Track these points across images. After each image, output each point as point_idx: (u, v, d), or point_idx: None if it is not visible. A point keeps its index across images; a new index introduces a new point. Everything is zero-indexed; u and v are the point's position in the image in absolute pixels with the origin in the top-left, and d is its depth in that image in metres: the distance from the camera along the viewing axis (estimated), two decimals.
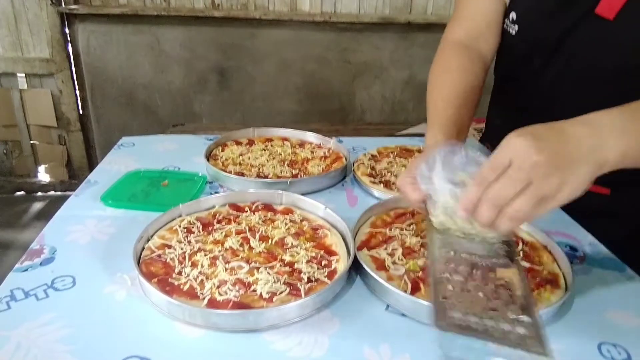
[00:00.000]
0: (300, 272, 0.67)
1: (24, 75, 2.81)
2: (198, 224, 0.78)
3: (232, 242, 0.74)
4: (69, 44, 2.76)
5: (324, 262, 0.70)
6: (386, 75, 2.93)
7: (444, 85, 0.88)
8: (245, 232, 0.76)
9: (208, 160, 1.04)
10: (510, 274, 0.58)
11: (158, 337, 0.58)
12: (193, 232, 0.76)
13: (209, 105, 2.93)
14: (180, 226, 0.77)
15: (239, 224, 0.79)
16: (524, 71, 0.93)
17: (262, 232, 0.77)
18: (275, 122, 1.62)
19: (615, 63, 0.78)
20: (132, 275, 0.67)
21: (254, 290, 0.63)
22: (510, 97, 1.01)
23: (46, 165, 3.04)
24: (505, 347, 0.50)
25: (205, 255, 0.70)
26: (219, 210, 0.83)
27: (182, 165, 1.06)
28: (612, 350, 0.59)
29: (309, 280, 0.66)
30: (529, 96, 0.94)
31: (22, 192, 3.07)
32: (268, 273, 0.66)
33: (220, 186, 0.98)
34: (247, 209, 0.84)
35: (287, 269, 0.68)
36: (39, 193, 3.06)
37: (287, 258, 0.71)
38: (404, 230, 0.79)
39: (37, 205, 2.95)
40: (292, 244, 0.74)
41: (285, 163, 1.06)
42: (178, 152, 1.14)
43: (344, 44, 2.83)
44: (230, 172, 0.98)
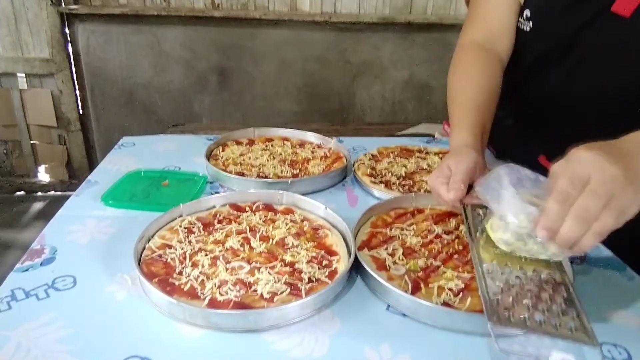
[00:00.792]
0: (300, 272, 0.67)
1: (24, 75, 2.81)
2: (199, 224, 0.78)
3: (233, 242, 0.74)
4: (69, 44, 2.76)
5: (324, 262, 0.70)
6: (386, 75, 2.93)
7: (467, 87, 0.89)
8: (246, 232, 0.77)
9: (208, 160, 1.04)
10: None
11: (158, 337, 0.58)
12: (194, 232, 0.76)
13: (209, 105, 2.94)
14: (180, 226, 0.77)
15: (239, 224, 0.79)
16: (538, 69, 0.92)
17: (262, 232, 0.77)
18: (276, 122, 1.62)
19: (631, 62, 0.77)
20: (132, 275, 0.67)
21: (255, 290, 0.63)
22: (523, 97, 1.00)
23: (46, 165, 3.04)
24: (558, 340, 0.54)
25: (205, 255, 0.70)
26: (219, 210, 0.83)
27: (182, 165, 1.06)
28: (613, 350, 0.59)
29: (310, 280, 0.66)
30: (542, 95, 0.93)
31: (22, 192, 3.07)
32: (269, 273, 0.66)
33: (220, 186, 0.98)
34: (247, 209, 0.84)
35: (287, 269, 0.68)
36: (39, 193, 3.06)
37: (288, 258, 0.71)
38: (405, 230, 0.79)
39: (37, 205, 2.95)
40: (292, 244, 0.74)
41: (286, 163, 1.06)
42: (178, 152, 1.14)
43: (344, 44, 2.83)
44: (230, 172, 0.98)
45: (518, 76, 0.97)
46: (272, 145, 1.15)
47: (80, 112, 2.92)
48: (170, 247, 0.72)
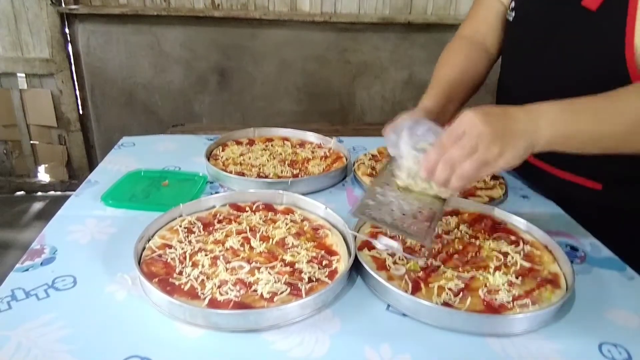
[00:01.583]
0: (301, 272, 0.67)
1: (24, 75, 2.81)
2: (199, 223, 0.78)
3: (233, 242, 0.74)
4: (69, 44, 2.76)
5: (324, 262, 0.70)
6: (386, 75, 2.93)
7: (447, 64, 1.01)
8: (246, 232, 0.76)
9: (208, 160, 1.04)
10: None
11: (158, 337, 0.58)
12: (194, 232, 0.76)
13: (209, 106, 2.93)
14: (180, 226, 0.77)
15: (239, 224, 0.79)
16: (521, 59, 0.97)
17: (262, 232, 0.77)
18: (276, 122, 1.62)
19: (598, 54, 0.80)
20: (132, 275, 0.67)
21: (255, 290, 0.63)
22: (511, 89, 1.02)
23: (46, 165, 3.04)
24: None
25: (206, 255, 0.70)
26: (219, 210, 0.83)
27: (182, 165, 1.06)
28: (613, 350, 0.59)
29: (310, 280, 0.66)
30: (525, 85, 0.96)
31: (22, 192, 3.07)
32: (269, 273, 0.66)
33: (220, 186, 0.98)
34: (247, 208, 0.84)
35: (287, 269, 0.68)
36: (39, 193, 3.06)
37: (288, 258, 0.71)
38: None
39: (37, 205, 2.95)
40: (292, 243, 0.74)
41: (286, 163, 1.06)
42: (178, 152, 1.14)
43: (344, 44, 2.83)
44: (230, 172, 0.98)
45: (508, 68, 1.03)
46: (272, 145, 1.15)
47: (80, 112, 2.92)
48: (170, 247, 0.72)
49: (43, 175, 3.07)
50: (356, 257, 0.69)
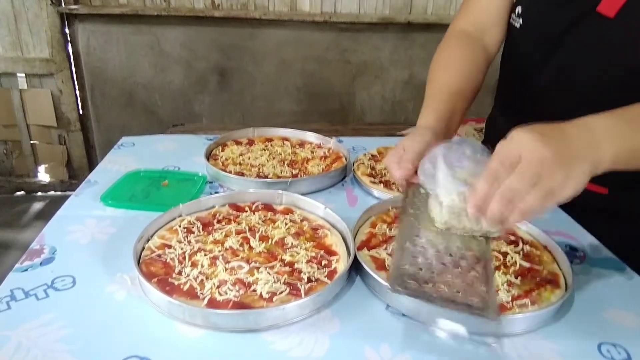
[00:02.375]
0: (300, 272, 0.67)
1: (24, 75, 2.81)
2: (198, 223, 0.78)
3: (232, 242, 0.74)
4: (69, 44, 2.76)
5: (324, 262, 0.70)
6: (386, 75, 2.93)
7: (443, 72, 0.91)
8: (245, 232, 0.76)
9: (208, 160, 1.04)
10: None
11: (158, 337, 0.58)
12: (193, 232, 0.76)
13: (209, 105, 2.93)
14: (180, 226, 0.77)
15: (239, 223, 0.79)
16: (527, 67, 0.93)
17: (262, 232, 0.77)
18: (275, 122, 1.62)
19: (615, 61, 0.78)
20: (132, 275, 0.67)
21: (254, 290, 0.63)
22: (514, 94, 1.01)
23: (46, 165, 3.04)
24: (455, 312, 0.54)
25: (205, 255, 0.70)
26: (219, 210, 0.83)
27: (182, 165, 1.06)
28: (612, 350, 0.59)
29: (309, 280, 0.66)
30: (531, 93, 0.94)
31: (22, 192, 3.07)
32: (268, 273, 0.66)
33: (220, 186, 0.98)
34: (247, 208, 0.84)
35: (287, 268, 0.68)
36: (39, 193, 3.06)
37: (287, 258, 0.71)
38: None
39: (37, 205, 2.95)
40: (292, 243, 0.74)
41: (285, 163, 1.06)
42: (178, 152, 1.14)
43: (344, 44, 2.83)
44: (230, 172, 0.98)
45: (511, 73, 0.98)
46: (271, 145, 1.15)
47: (80, 112, 2.92)
48: (169, 247, 0.72)
49: (43, 175, 3.07)
50: (355, 257, 0.69)
